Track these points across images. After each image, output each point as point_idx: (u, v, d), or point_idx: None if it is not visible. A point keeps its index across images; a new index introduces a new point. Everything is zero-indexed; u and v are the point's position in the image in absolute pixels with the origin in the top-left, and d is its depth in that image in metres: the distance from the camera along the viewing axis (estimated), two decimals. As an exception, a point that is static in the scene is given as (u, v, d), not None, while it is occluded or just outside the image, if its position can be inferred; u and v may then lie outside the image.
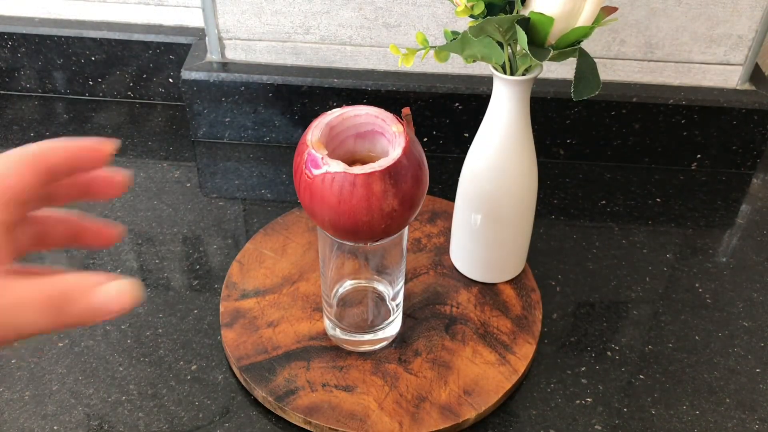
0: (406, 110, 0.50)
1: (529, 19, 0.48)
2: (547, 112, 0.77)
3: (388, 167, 0.45)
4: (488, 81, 0.76)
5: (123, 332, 0.61)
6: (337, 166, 0.45)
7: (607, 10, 0.50)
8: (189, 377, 0.58)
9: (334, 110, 0.49)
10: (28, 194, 0.33)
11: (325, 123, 0.48)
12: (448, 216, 0.70)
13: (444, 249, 0.68)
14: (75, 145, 0.34)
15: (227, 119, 0.81)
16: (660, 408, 0.57)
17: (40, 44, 0.84)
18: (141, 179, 0.77)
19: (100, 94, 0.89)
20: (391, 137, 0.48)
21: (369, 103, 0.78)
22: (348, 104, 0.78)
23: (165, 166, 0.80)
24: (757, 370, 0.60)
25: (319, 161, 0.45)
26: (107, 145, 0.35)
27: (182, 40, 0.83)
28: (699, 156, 0.80)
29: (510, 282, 0.65)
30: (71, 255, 0.68)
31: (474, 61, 0.53)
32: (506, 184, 0.58)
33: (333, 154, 0.48)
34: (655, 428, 0.56)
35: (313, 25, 0.76)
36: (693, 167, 0.81)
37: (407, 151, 0.46)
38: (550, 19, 0.47)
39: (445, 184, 0.78)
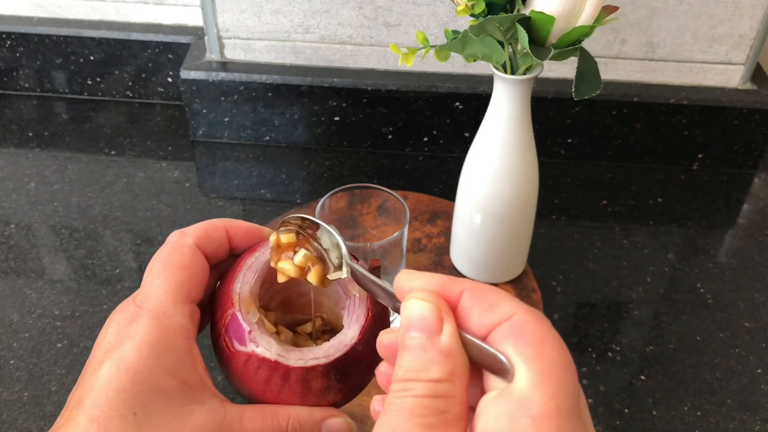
0: (375, 262, 0.40)
1: (530, 18, 0.47)
2: (548, 111, 0.77)
3: (335, 360, 0.33)
4: (489, 80, 0.76)
5: (122, 333, 0.61)
6: (267, 349, 0.33)
7: (608, 10, 0.50)
8: (188, 378, 0.58)
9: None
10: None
11: (264, 261, 0.35)
12: (449, 216, 0.70)
13: (444, 249, 0.67)
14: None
15: (226, 119, 0.81)
16: (661, 409, 0.57)
17: (38, 43, 0.84)
18: (140, 179, 0.77)
19: (99, 94, 0.88)
20: (348, 300, 0.35)
21: (369, 103, 0.78)
22: (348, 104, 0.78)
23: (164, 165, 0.79)
24: (759, 371, 0.60)
25: (245, 335, 0.33)
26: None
27: (181, 39, 0.83)
28: (700, 156, 0.80)
29: (511, 282, 0.65)
30: (70, 255, 0.68)
31: (474, 60, 0.53)
32: (507, 184, 0.58)
33: (266, 292, 0.36)
34: (656, 429, 0.55)
35: (312, 24, 0.76)
36: (694, 167, 0.81)
37: (365, 333, 0.34)
38: (551, 18, 0.47)
39: (446, 184, 0.77)
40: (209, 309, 0.36)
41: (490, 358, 0.26)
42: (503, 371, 0.25)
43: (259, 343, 0.33)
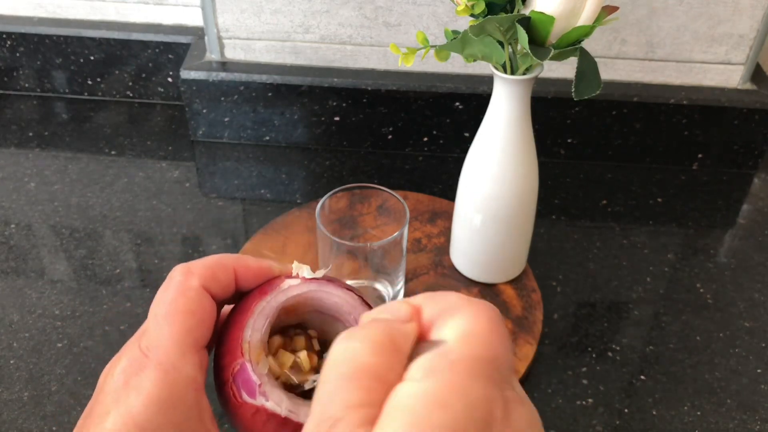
0: None
1: (529, 18, 0.47)
2: (548, 111, 0.77)
3: None
4: (489, 80, 0.76)
5: (122, 333, 0.61)
6: (278, 404, 0.32)
7: (608, 10, 0.50)
8: (188, 378, 0.58)
9: (291, 286, 0.35)
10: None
11: (276, 307, 0.34)
12: (449, 216, 0.70)
13: (444, 249, 0.67)
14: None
15: (226, 119, 0.81)
16: (661, 409, 0.57)
17: (39, 44, 0.84)
18: (140, 179, 0.77)
19: (99, 94, 0.88)
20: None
21: (369, 103, 0.78)
22: (348, 104, 0.78)
23: (164, 165, 0.79)
24: (759, 371, 0.60)
25: (255, 388, 0.32)
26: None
27: (181, 39, 0.83)
28: (700, 156, 0.80)
29: (510, 282, 0.65)
30: (70, 255, 0.68)
31: (474, 60, 0.53)
32: (507, 184, 0.58)
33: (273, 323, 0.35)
34: (656, 429, 0.55)
35: (312, 24, 0.76)
36: (694, 167, 0.81)
37: None
38: (551, 19, 0.47)
39: (446, 184, 0.77)
40: (214, 347, 0.36)
41: None
42: None
43: (269, 397, 0.32)
